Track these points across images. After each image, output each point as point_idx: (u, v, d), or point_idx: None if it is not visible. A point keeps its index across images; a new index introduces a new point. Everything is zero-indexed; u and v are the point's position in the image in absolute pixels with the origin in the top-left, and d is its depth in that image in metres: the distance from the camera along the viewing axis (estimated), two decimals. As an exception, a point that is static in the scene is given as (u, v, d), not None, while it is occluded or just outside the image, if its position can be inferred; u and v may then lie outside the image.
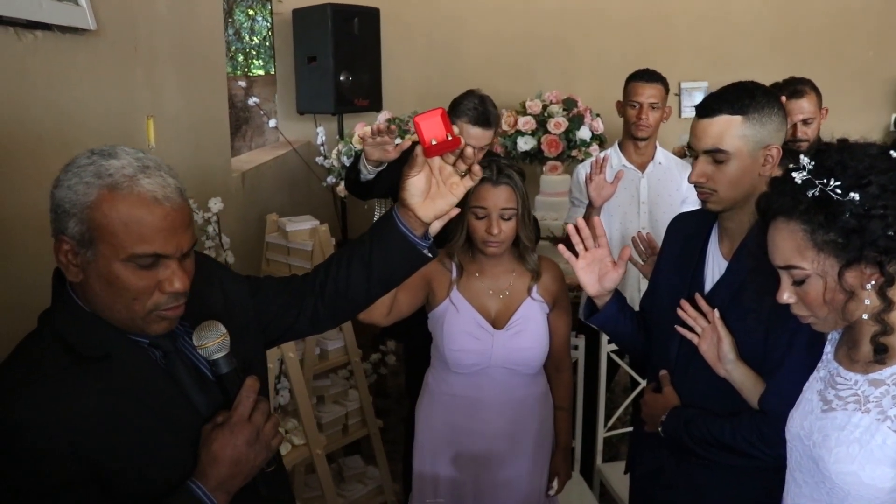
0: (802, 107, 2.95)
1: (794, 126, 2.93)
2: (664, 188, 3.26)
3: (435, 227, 1.51)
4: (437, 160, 1.39)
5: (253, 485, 1.36)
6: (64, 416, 1.18)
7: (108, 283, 1.21)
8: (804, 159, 1.34)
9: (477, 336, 2.23)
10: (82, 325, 1.26)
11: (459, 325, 2.23)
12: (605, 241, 1.95)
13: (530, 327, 2.26)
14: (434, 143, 1.32)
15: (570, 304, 2.43)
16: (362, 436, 3.27)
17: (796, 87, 3.01)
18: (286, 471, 1.60)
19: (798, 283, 1.36)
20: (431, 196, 1.40)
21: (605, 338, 3.02)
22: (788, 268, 1.35)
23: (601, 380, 3.06)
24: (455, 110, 2.81)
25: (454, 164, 1.39)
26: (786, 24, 5.25)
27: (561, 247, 1.96)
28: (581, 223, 1.95)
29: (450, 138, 1.33)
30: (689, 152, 2.30)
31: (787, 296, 1.38)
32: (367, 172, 2.92)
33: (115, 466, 1.20)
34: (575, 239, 1.94)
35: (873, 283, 1.30)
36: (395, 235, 1.43)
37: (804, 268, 1.33)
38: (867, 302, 1.32)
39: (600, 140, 4.47)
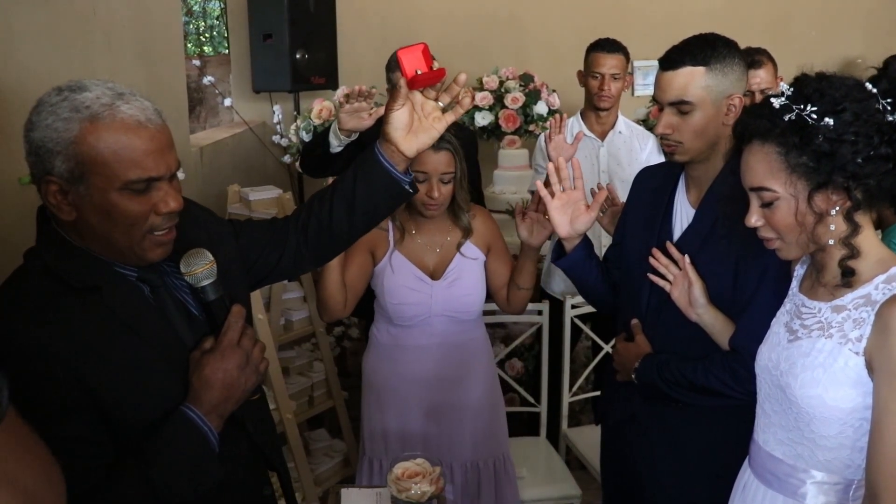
0: (761, 76, 3.01)
1: (752, 95, 2.99)
2: (624, 157, 3.29)
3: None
4: (418, 96, 1.42)
5: (241, 423, 1.37)
6: (61, 342, 1.17)
7: (106, 213, 1.21)
8: (783, 86, 1.40)
9: (416, 288, 2.32)
10: (72, 259, 1.25)
11: (398, 279, 2.32)
12: (582, 184, 1.99)
13: (466, 275, 2.37)
14: (419, 72, 1.36)
15: (509, 251, 2.49)
16: (328, 407, 3.26)
17: (754, 57, 3.06)
18: (268, 407, 1.60)
19: (766, 205, 1.41)
20: (414, 131, 1.44)
21: (568, 303, 3.07)
22: (760, 189, 1.40)
23: (565, 344, 3.09)
24: (390, 66, 2.98)
25: (436, 99, 1.43)
26: (734, 4, 5.37)
27: (538, 183, 1.99)
28: (561, 163, 1.98)
29: (434, 69, 1.37)
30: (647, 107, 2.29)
31: (755, 219, 1.44)
32: (338, 143, 2.87)
33: (110, 394, 1.20)
34: (553, 178, 1.98)
35: (838, 208, 1.36)
36: (378, 170, 1.45)
37: (775, 190, 1.38)
38: (832, 227, 1.38)
39: (558, 115, 4.50)
